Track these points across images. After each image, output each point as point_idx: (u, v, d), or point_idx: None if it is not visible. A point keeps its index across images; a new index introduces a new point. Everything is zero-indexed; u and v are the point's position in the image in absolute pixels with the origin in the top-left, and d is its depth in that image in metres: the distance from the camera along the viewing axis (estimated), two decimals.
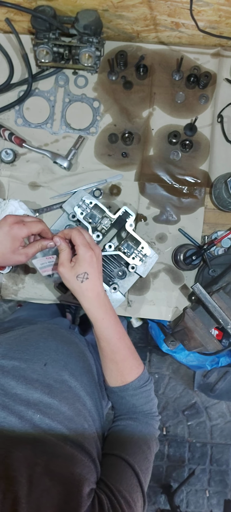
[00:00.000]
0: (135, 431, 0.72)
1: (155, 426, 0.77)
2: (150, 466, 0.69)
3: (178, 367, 2.39)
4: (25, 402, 0.63)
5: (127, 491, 0.59)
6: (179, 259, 1.03)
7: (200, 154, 1.09)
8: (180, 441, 2.39)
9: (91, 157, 1.10)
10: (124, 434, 0.72)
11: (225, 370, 2.11)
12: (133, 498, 0.60)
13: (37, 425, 0.60)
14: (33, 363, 0.73)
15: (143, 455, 0.68)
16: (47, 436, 0.59)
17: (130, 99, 1.12)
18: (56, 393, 0.68)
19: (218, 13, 0.99)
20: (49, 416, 0.62)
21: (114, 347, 0.76)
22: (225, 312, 0.86)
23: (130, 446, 0.69)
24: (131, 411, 0.76)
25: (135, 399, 0.76)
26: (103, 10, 1.02)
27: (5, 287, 1.07)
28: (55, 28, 1.03)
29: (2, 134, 1.07)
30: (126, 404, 0.77)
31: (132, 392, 0.76)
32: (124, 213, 0.99)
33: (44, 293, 1.07)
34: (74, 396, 0.70)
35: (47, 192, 1.09)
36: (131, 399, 0.76)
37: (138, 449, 0.68)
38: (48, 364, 0.73)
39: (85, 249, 0.73)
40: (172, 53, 1.13)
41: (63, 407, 0.66)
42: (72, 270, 0.73)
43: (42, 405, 0.64)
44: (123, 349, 0.77)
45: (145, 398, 0.77)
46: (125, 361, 0.77)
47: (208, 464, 2.39)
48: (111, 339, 0.75)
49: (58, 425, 0.62)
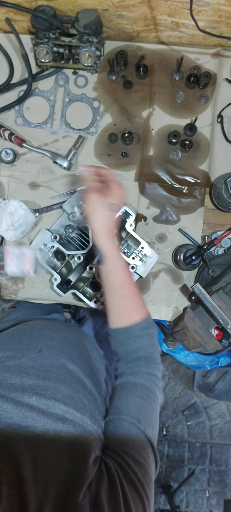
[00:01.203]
0: (137, 387, 0.69)
1: (158, 375, 0.74)
2: (156, 419, 0.67)
3: (177, 367, 2.39)
4: (20, 389, 0.63)
5: (134, 450, 0.58)
6: (179, 259, 1.03)
7: (200, 154, 1.09)
8: (179, 441, 2.39)
9: (91, 157, 1.10)
10: (127, 390, 0.69)
11: (224, 370, 2.12)
12: (142, 455, 0.58)
13: (34, 407, 0.59)
14: (28, 351, 0.72)
15: (147, 410, 0.66)
16: (46, 415, 0.58)
17: (129, 98, 1.12)
18: (52, 376, 0.67)
19: (218, 13, 0.99)
20: (45, 396, 0.61)
21: (123, 281, 0.75)
22: (224, 312, 0.86)
23: (133, 404, 0.66)
24: (134, 357, 0.74)
25: (140, 340, 0.74)
26: (104, 10, 1.02)
27: (5, 287, 1.07)
28: (55, 28, 1.03)
29: (2, 134, 1.07)
30: (130, 346, 0.74)
31: (138, 333, 0.74)
32: (123, 213, 0.99)
33: (44, 293, 1.07)
34: (73, 378, 0.69)
35: (47, 192, 1.09)
36: (136, 340, 0.74)
37: (141, 405, 0.66)
38: (43, 350, 0.72)
39: (119, 185, 0.76)
40: (172, 53, 1.13)
41: (60, 387, 0.65)
42: (102, 197, 0.75)
43: (38, 388, 0.63)
44: (131, 285, 0.76)
45: (150, 340, 0.75)
46: (133, 297, 0.76)
47: (208, 464, 2.39)
48: (121, 273, 0.75)
49: (56, 403, 0.61)
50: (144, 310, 0.77)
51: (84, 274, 1.02)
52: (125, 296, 0.75)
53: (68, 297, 1.04)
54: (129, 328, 0.74)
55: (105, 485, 0.51)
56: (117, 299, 0.76)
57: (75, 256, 0.98)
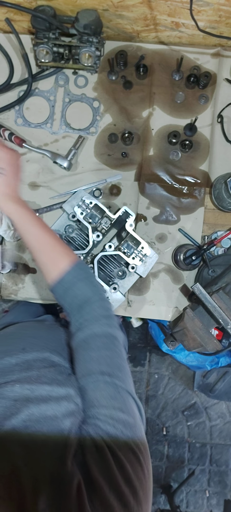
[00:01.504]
0: (88, 341, 0.66)
1: (105, 313, 0.70)
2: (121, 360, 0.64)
3: (177, 367, 2.39)
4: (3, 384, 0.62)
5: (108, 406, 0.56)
6: (179, 259, 1.03)
7: (199, 154, 1.09)
8: (179, 442, 2.39)
9: (91, 157, 1.10)
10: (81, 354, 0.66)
11: (224, 371, 2.12)
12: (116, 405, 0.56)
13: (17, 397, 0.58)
14: (10, 350, 0.71)
15: (107, 357, 0.63)
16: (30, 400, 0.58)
17: (129, 99, 1.12)
18: (36, 367, 0.66)
19: (218, 13, 0.99)
20: (28, 382, 0.60)
21: (39, 236, 0.75)
22: (225, 312, 0.86)
23: (90, 361, 0.63)
24: (76, 306, 0.71)
25: (75, 287, 0.72)
26: (103, 10, 1.02)
27: (5, 287, 1.07)
28: (55, 28, 1.03)
29: (2, 134, 1.07)
30: (69, 298, 0.72)
31: (70, 279, 0.72)
32: (124, 213, 0.99)
33: (44, 293, 1.07)
34: (58, 367, 0.68)
35: (47, 192, 1.09)
36: (72, 288, 0.72)
37: (99, 357, 0.63)
38: (26, 347, 0.71)
39: (6, 149, 0.78)
40: (172, 53, 1.13)
41: (44, 372, 0.64)
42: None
43: (22, 378, 0.62)
44: (49, 237, 0.76)
45: (84, 282, 0.73)
46: (54, 249, 0.75)
47: (208, 464, 2.39)
48: (34, 229, 0.76)
49: (40, 385, 0.60)
50: (69, 256, 0.75)
51: None
52: (45, 250, 0.75)
53: None
54: (61, 279, 0.73)
55: (90, 449, 0.51)
56: (39, 256, 0.76)
57: None
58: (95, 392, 0.59)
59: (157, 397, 2.39)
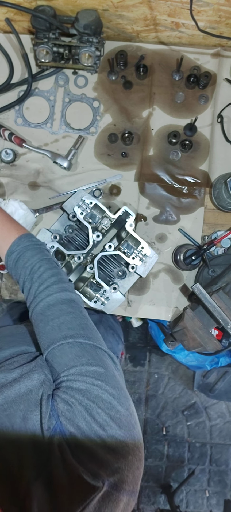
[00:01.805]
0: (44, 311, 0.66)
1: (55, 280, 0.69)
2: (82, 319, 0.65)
3: (177, 367, 2.39)
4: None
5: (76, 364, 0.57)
6: (179, 259, 1.03)
7: (199, 154, 1.09)
8: (179, 441, 2.39)
9: (91, 157, 1.10)
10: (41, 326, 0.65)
11: (224, 370, 2.12)
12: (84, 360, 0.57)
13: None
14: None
15: (67, 322, 0.63)
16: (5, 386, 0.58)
17: (129, 99, 1.12)
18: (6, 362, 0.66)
19: (218, 13, 0.99)
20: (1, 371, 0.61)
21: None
22: (224, 312, 0.86)
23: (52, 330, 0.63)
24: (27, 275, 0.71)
25: (23, 256, 0.72)
26: (103, 10, 1.02)
27: (5, 287, 1.07)
28: (55, 28, 1.03)
29: (2, 134, 1.07)
30: (19, 267, 0.72)
31: (16, 249, 0.73)
32: (124, 213, 0.99)
33: None
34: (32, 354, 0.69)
35: (47, 192, 1.09)
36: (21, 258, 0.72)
37: (58, 324, 0.63)
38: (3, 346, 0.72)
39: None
40: (172, 53, 1.13)
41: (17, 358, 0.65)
42: None
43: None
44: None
45: (31, 250, 0.73)
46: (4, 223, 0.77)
47: (208, 464, 2.39)
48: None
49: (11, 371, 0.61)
50: (17, 230, 0.77)
51: (84, 274, 1.02)
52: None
53: None
54: (9, 250, 0.74)
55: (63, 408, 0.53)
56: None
57: (75, 256, 0.98)
58: (62, 357, 0.59)
59: (157, 397, 2.39)
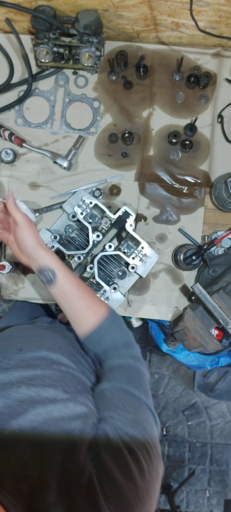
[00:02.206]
0: (122, 363, 0.71)
1: (138, 356, 0.75)
2: (147, 388, 0.68)
3: (178, 367, 2.39)
4: (7, 384, 0.62)
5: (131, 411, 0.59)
6: (179, 259, 1.03)
7: (200, 154, 1.09)
8: (180, 441, 2.39)
9: (91, 157, 1.10)
10: (114, 369, 0.71)
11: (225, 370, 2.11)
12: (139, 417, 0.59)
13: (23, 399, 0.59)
14: (7, 352, 0.72)
15: (136, 381, 0.67)
16: (37, 402, 0.59)
17: (130, 99, 1.12)
18: (38, 366, 0.67)
19: (218, 13, 0.99)
20: (35, 385, 0.61)
21: (77, 283, 0.77)
22: (225, 312, 0.86)
23: (123, 375, 0.68)
24: (113, 349, 0.75)
25: (113, 333, 0.76)
26: (104, 10, 1.02)
27: (5, 287, 1.07)
28: (55, 28, 1.03)
29: (2, 134, 1.07)
30: (105, 344, 0.76)
31: (108, 326, 0.75)
32: (124, 213, 0.99)
33: (44, 293, 1.07)
34: (58, 365, 0.69)
35: (47, 192, 1.09)
36: (109, 334, 0.75)
37: (130, 376, 0.68)
38: (23, 348, 0.72)
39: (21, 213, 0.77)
40: (172, 53, 1.13)
41: (47, 372, 0.65)
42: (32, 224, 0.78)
43: (26, 379, 0.63)
44: (85, 286, 0.79)
45: (120, 329, 0.77)
46: (91, 296, 0.78)
47: (208, 464, 2.39)
48: (74, 277, 0.78)
49: (46, 388, 0.61)
50: (104, 304, 0.79)
51: (84, 274, 1.02)
52: (84, 297, 0.77)
53: None
54: (99, 325, 0.75)
55: (105, 445, 0.52)
56: (77, 304, 0.77)
57: (75, 256, 0.98)
58: (123, 399, 0.62)
59: (158, 397, 2.39)
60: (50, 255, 0.77)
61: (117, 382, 0.66)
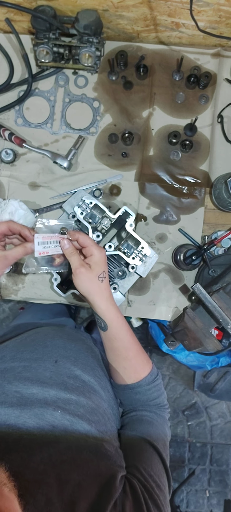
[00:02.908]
0: (153, 420, 0.73)
1: (166, 417, 0.77)
2: (168, 452, 0.70)
3: (178, 367, 2.39)
4: (43, 401, 0.62)
5: (156, 475, 0.60)
6: (179, 259, 1.03)
7: (200, 154, 1.09)
8: (180, 441, 2.39)
9: (91, 157, 1.10)
10: (145, 421, 0.72)
11: (225, 370, 2.11)
12: (162, 481, 0.61)
13: (56, 424, 0.59)
14: (43, 361, 0.72)
15: (163, 442, 0.69)
16: (69, 432, 0.58)
17: (130, 99, 1.12)
18: (72, 388, 0.67)
19: (218, 13, 0.99)
20: (69, 412, 0.61)
21: (128, 344, 0.77)
22: (225, 312, 0.86)
23: (153, 432, 0.69)
24: (145, 405, 0.76)
25: (149, 394, 0.76)
26: (104, 10, 1.02)
27: (5, 287, 1.07)
28: (55, 28, 1.03)
29: (2, 134, 1.07)
30: (139, 400, 0.77)
31: (146, 387, 0.76)
32: (124, 213, 0.99)
33: (44, 293, 1.07)
34: (90, 390, 0.70)
35: (47, 192, 1.09)
36: (145, 393, 0.76)
37: (159, 435, 0.69)
38: (58, 360, 0.73)
39: (100, 249, 0.75)
40: (172, 53, 1.13)
41: (82, 401, 0.65)
42: (93, 271, 0.73)
43: (61, 401, 0.63)
44: (135, 345, 0.78)
45: (157, 391, 0.77)
46: (137, 357, 0.77)
47: (208, 464, 2.39)
48: (125, 336, 0.77)
49: (80, 420, 0.61)
50: (149, 364, 0.79)
51: None
52: (130, 358, 0.77)
53: (68, 297, 1.04)
54: (137, 383, 0.76)
55: (130, 504, 0.52)
56: (122, 361, 0.77)
57: None
58: (149, 455, 0.63)
59: None
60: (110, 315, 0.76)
61: (148, 437, 0.67)
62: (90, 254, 0.75)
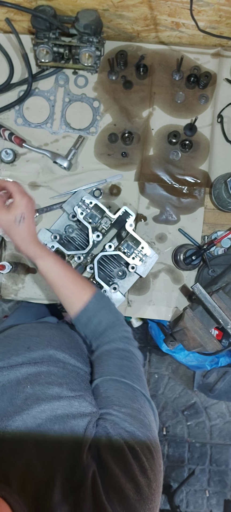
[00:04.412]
0: (112, 351, 0.72)
1: (128, 336, 0.77)
2: (140, 373, 0.70)
3: (177, 367, 2.39)
4: (14, 381, 0.63)
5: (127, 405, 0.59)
6: (179, 259, 1.03)
7: (199, 154, 1.09)
8: (179, 441, 2.39)
9: (91, 157, 1.10)
10: (104, 357, 0.72)
11: (224, 370, 2.12)
12: (134, 407, 0.60)
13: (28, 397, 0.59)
14: (16, 350, 0.73)
15: (128, 367, 0.69)
16: (41, 399, 0.59)
17: (129, 99, 1.12)
18: (43, 363, 0.68)
19: (218, 13, 0.99)
20: (39, 383, 0.62)
21: (60, 274, 0.80)
22: (224, 312, 0.86)
23: (113, 366, 0.69)
24: (100, 330, 0.77)
25: (99, 314, 0.78)
26: (104, 10, 1.02)
27: (5, 287, 1.07)
28: (55, 28, 1.03)
29: (2, 134, 1.07)
30: (92, 325, 0.78)
31: (93, 307, 0.78)
32: (123, 213, 0.99)
33: (44, 293, 1.07)
34: (64, 364, 0.70)
35: (47, 192, 1.09)
36: (95, 315, 0.78)
37: (121, 364, 0.69)
38: (31, 346, 0.74)
39: (22, 195, 0.76)
40: (172, 53, 1.13)
41: (52, 370, 0.66)
42: (9, 213, 0.75)
43: (31, 376, 0.64)
44: (69, 271, 0.81)
45: (106, 309, 0.79)
46: (75, 282, 0.80)
47: (208, 464, 2.40)
48: (55, 268, 0.80)
49: (50, 386, 0.62)
50: (89, 287, 0.81)
51: (84, 274, 1.02)
52: (67, 285, 0.80)
53: None
54: (84, 308, 0.78)
55: (104, 441, 0.53)
56: (62, 291, 0.80)
57: (75, 256, 0.98)
58: (117, 392, 0.62)
59: (157, 397, 2.39)
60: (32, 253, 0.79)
61: (108, 374, 0.66)
62: (13, 200, 0.77)
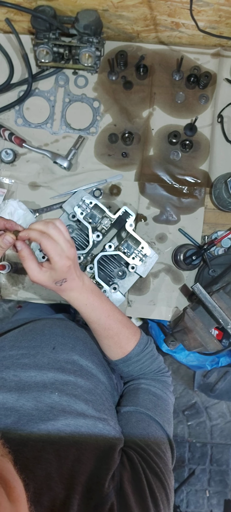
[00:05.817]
0: (150, 388, 0.73)
1: (167, 381, 0.77)
2: (171, 417, 0.71)
3: (178, 367, 2.39)
4: (41, 384, 0.63)
5: (155, 444, 0.60)
6: (179, 259, 1.03)
7: (200, 154, 1.09)
8: (180, 441, 2.39)
9: (91, 157, 1.10)
10: (141, 391, 0.72)
11: (225, 370, 2.12)
12: (162, 449, 0.61)
13: (54, 405, 0.59)
14: (41, 348, 0.73)
15: (162, 408, 0.69)
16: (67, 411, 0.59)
17: (130, 99, 1.12)
18: (69, 371, 0.68)
19: (218, 13, 0.99)
20: (67, 393, 0.62)
21: (105, 325, 0.74)
22: (225, 312, 0.86)
23: (149, 401, 0.69)
24: (141, 375, 0.77)
25: (141, 364, 0.76)
26: (104, 10, 1.02)
27: (5, 287, 1.07)
28: (55, 28, 1.03)
29: (2, 134, 1.07)
30: (133, 371, 0.77)
31: (136, 359, 0.76)
32: (124, 213, 0.99)
33: (44, 293, 1.07)
34: (88, 373, 0.70)
35: (47, 192, 1.09)
36: (137, 365, 0.76)
37: (156, 403, 0.70)
38: (56, 347, 0.73)
39: (61, 260, 0.63)
40: (172, 53, 1.13)
41: (80, 381, 0.66)
42: (49, 278, 0.65)
43: (58, 383, 0.64)
44: (114, 324, 0.74)
45: (149, 359, 0.77)
46: (119, 334, 0.75)
47: (208, 464, 2.39)
48: (100, 319, 0.73)
49: (77, 400, 0.61)
50: (135, 336, 0.77)
51: None
52: (112, 336, 0.75)
53: None
54: (125, 358, 0.75)
55: (128, 475, 0.53)
56: (104, 340, 0.76)
57: None
58: (148, 427, 0.63)
59: None
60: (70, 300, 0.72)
61: (142, 407, 0.67)
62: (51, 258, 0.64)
